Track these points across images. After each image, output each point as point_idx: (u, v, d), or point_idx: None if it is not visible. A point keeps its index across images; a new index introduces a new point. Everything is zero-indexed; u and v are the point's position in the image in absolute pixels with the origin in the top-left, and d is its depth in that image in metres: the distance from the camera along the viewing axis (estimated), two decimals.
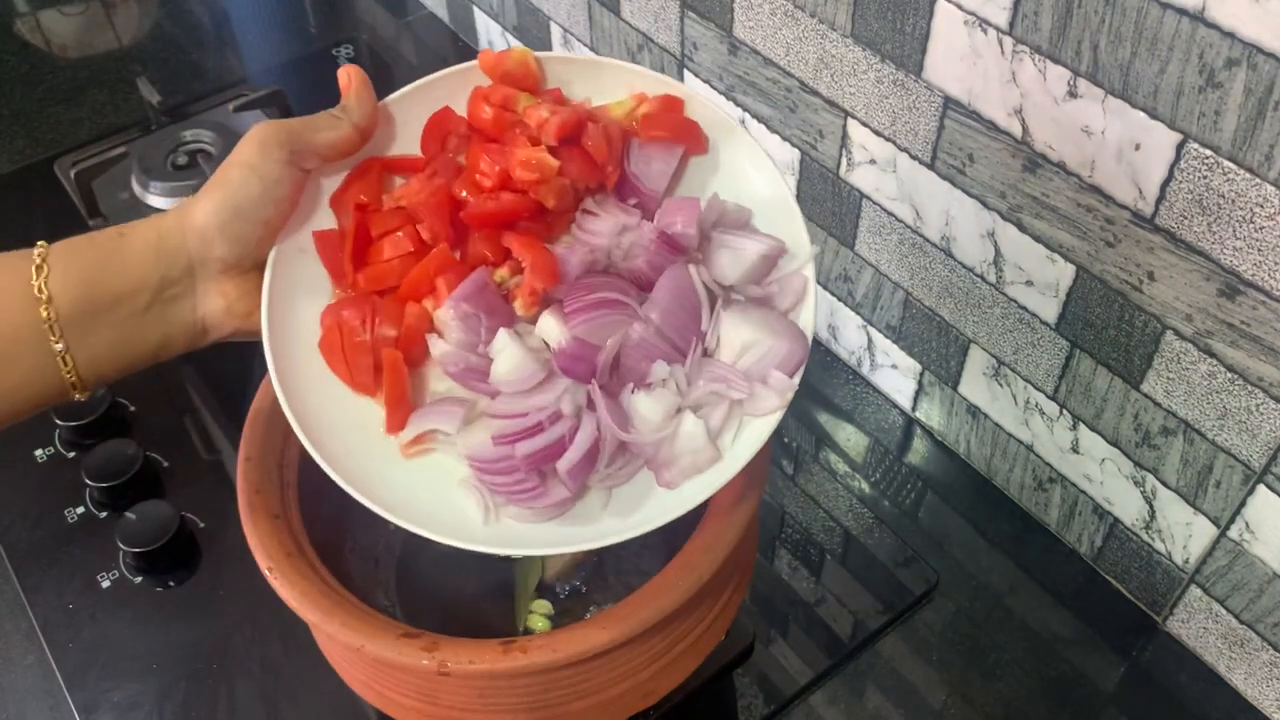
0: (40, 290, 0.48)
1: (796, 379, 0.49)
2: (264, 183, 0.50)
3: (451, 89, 0.55)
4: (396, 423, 0.51)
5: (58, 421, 0.81)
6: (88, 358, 0.49)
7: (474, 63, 0.55)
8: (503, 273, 0.52)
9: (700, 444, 0.48)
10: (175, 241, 0.50)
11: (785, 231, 0.52)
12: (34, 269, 0.48)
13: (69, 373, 0.49)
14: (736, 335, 0.49)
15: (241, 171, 0.50)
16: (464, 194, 0.52)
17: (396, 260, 0.52)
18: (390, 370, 0.50)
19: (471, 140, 0.54)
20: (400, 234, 0.52)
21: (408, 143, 0.55)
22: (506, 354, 0.49)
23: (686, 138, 0.54)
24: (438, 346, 0.51)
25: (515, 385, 0.49)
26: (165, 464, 0.80)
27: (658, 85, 0.55)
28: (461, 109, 0.55)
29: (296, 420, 0.49)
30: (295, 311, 0.52)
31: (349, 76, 0.52)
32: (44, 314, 0.48)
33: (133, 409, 0.84)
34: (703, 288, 0.50)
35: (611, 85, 0.55)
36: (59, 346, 0.48)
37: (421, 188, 0.52)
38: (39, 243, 0.49)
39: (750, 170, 0.54)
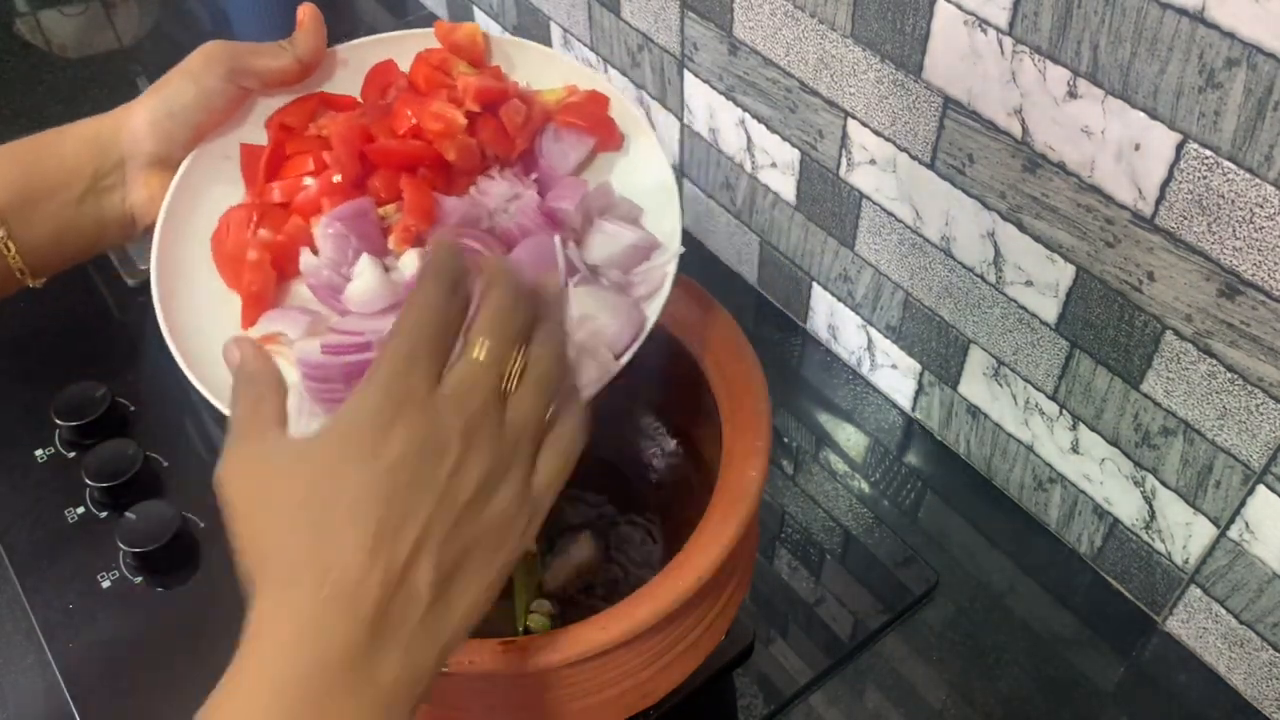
0: None
1: (623, 359, 0.50)
2: (200, 92, 0.55)
3: (404, 48, 0.60)
4: (249, 318, 0.54)
5: (58, 421, 0.81)
6: (29, 243, 0.54)
7: (430, 29, 0.60)
8: (389, 209, 0.55)
9: None
10: (110, 137, 0.55)
11: (665, 230, 0.54)
12: None
13: (13, 258, 0.54)
14: (577, 307, 0.50)
15: (182, 78, 0.55)
16: (377, 135, 0.56)
17: (299, 178, 0.56)
18: (253, 267, 0.53)
19: (404, 93, 0.58)
20: (310, 157, 0.56)
21: (353, 88, 0.60)
22: (364, 277, 0.51)
23: (601, 131, 0.57)
24: (306, 258, 0.53)
25: (363, 307, 0.51)
26: (165, 464, 0.80)
27: (589, 81, 0.58)
28: (408, 67, 0.59)
29: (160, 295, 0.53)
30: (202, 204, 0.56)
31: (304, 14, 0.57)
32: None
33: (133, 409, 0.84)
34: (563, 259, 0.52)
35: (551, 75, 0.59)
36: (0, 233, 0.53)
37: (342, 121, 0.56)
38: None
39: (651, 169, 0.57)
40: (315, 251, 0.54)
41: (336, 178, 0.55)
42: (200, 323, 0.53)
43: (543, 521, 0.44)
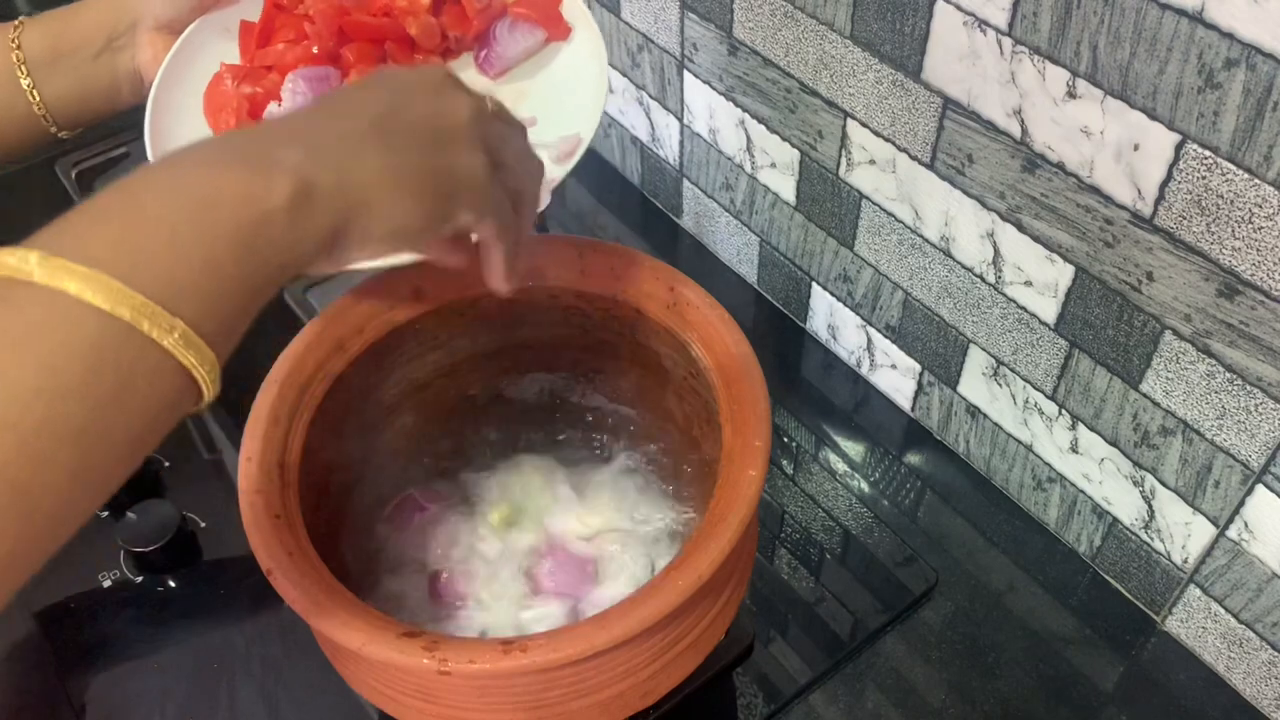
0: (14, 41, 0.63)
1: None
2: None
3: None
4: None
5: None
6: (52, 93, 0.64)
7: None
8: (354, 77, 0.64)
9: None
10: (125, 4, 0.65)
11: (590, 110, 0.62)
12: (12, 28, 0.64)
13: (38, 105, 0.64)
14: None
15: None
16: (352, 12, 0.65)
17: (283, 46, 0.65)
18: (232, 107, 0.63)
19: None
20: (294, 30, 0.65)
21: None
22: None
23: (550, 24, 0.67)
24: (272, 108, 0.63)
25: None
26: (166, 464, 0.80)
27: None
28: None
29: (151, 132, 0.62)
30: (199, 63, 0.65)
31: None
32: (15, 57, 0.63)
33: None
34: None
35: None
36: (26, 82, 0.63)
37: (326, 4, 0.65)
38: (21, 17, 0.64)
39: (590, 59, 0.65)
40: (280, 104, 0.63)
41: (315, 49, 0.64)
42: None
43: (485, 201, 0.48)
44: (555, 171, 0.61)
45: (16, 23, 0.64)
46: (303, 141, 0.42)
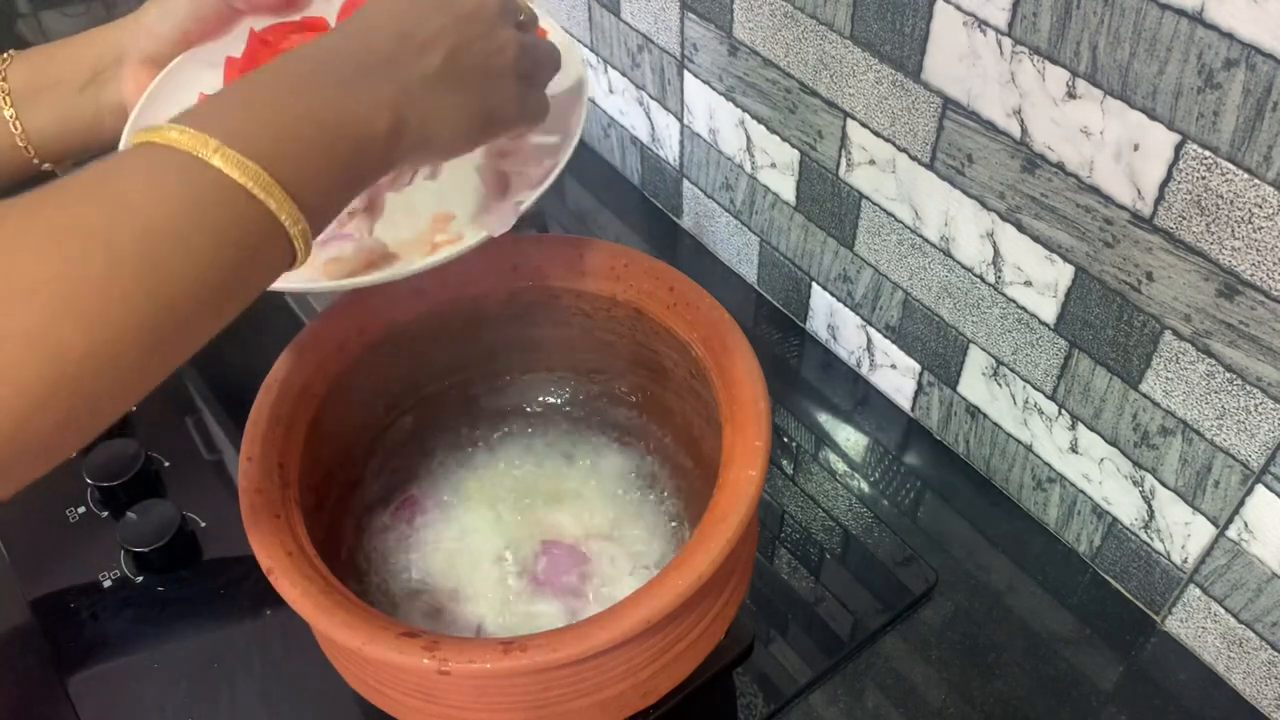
0: (0, 74, 0.64)
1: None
2: (194, 4, 0.65)
3: None
4: None
5: None
6: (35, 125, 0.65)
7: None
8: None
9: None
10: (112, 39, 0.65)
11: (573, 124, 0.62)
12: (1, 60, 0.64)
13: (20, 135, 0.64)
14: None
15: None
16: None
17: None
18: None
19: None
20: None
21: (332, 16, 0.66)
22: None
23: None
24: None
25: None
26: (166, 464, 0.80)
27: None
28: None
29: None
30: (180, 95, 0.63)
31: None
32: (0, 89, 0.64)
33: (134, 409, 0.84)
34: None
35: None
36: (9, 113, 0.64)
37: (310, 35, 0.64)
38: (10, 50, 0.66)
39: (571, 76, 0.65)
40: None
41: None
42: None
43: (517, 128, 0.57)
44: (530, 197, 0.60)
45: (4, 56, 0.65)
46: (398, 78, 0.50)
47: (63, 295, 0.40)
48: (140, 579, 0.74)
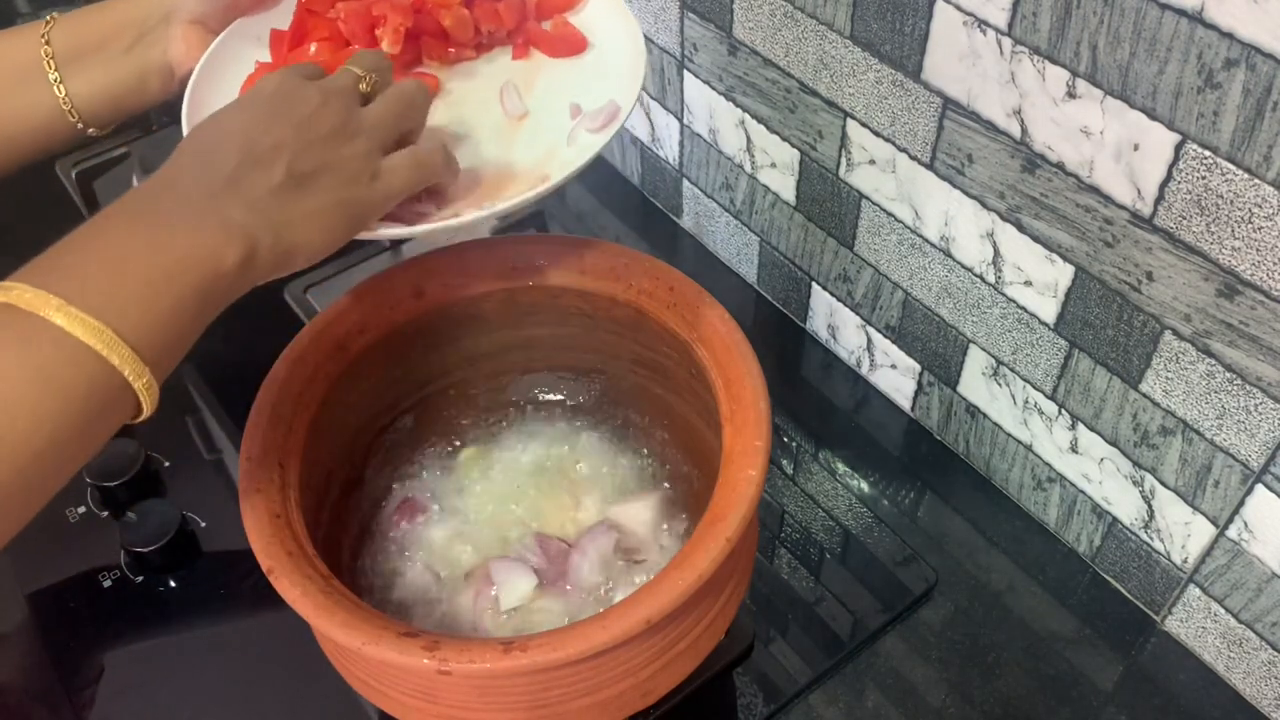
0: (44, 37, 0.64)
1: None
2: None
3: None
4: None
5: None
6: (79, 88, 0.64)
7: None
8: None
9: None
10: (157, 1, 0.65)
11: (628, 83, 0.64)
12: (43, 24, 0.65)
13: (65, 101, 0.64)
14: None
15: None
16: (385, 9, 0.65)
17: (315, 47, 0.66)
18: None
19: None
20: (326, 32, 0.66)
21: None
22: None
23: (579, 46, 0.68)
24: None
25: None
26: (166, 464, 0.80)
27: None
28: None
29: (188, 126, 0.61)
30: (230, 68, 0.65)
31: None
32: (44, 52, 0.64)
33: None
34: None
35: None
36: (54, 76, 0.64)
37: (357, 4, 0.65)
38: (53, 13, 0.66)
39: (625, 35, 0.67)
40: None
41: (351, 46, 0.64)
42: None
43: (385, 205, 0.55)
44: (594, 141, 0.61)
45: (48, 19, 0.65)
46: (243, 198, 0.50)
47: None
48: (140, 579, 0.74)
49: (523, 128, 0.64)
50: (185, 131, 0.61)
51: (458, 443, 0.73)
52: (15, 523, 0.45)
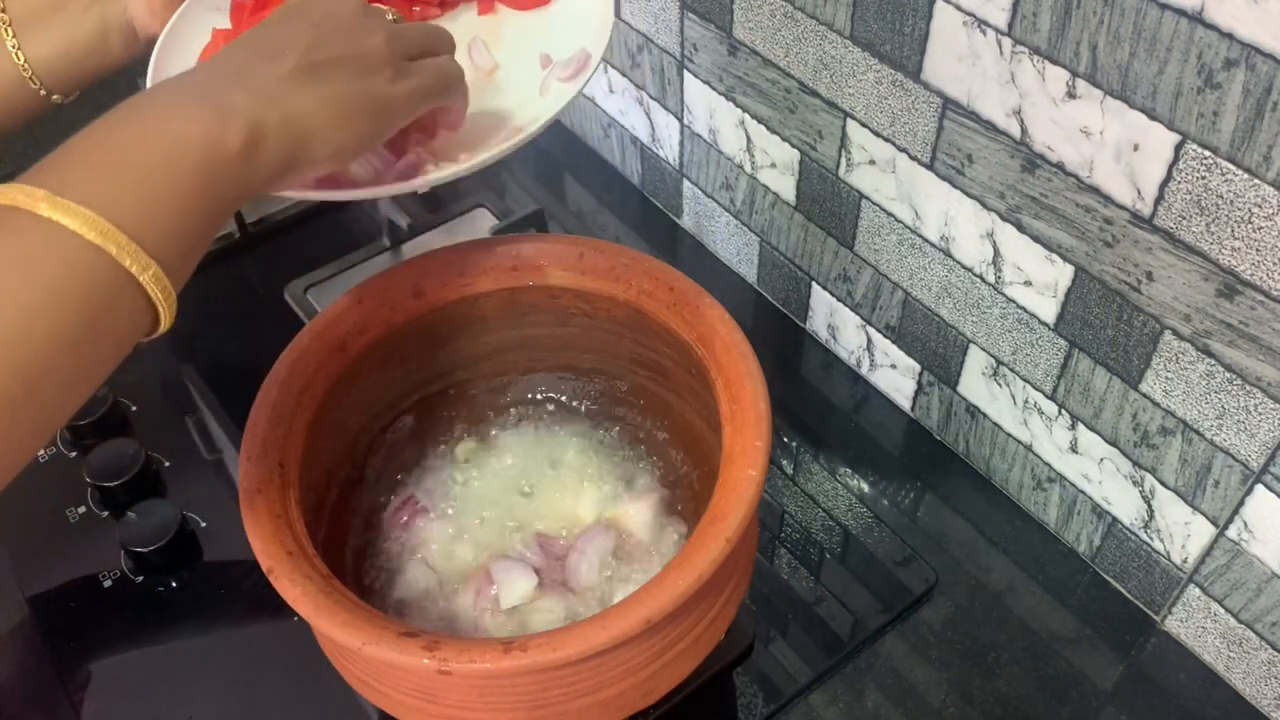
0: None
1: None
2: None
3: None
4: None
5: None
6: (38, 52, 0.62)
7: None
8: None
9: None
10: None
11: (597, 32, 0.63)
12: None
13: (24, 67, 0.62)
14: None
15: None
16: None
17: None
18: None
19: None
20: None
21: None
22: None
23: None
24: None
25: None
26: (166, 463, 0.80)
27: None
28: None
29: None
30: (195, 29, 0.64)
31: None
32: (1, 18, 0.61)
33: (134, 408, 0.84)
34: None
35: None
36: (11, 43, 0.62)
37: None
38: None
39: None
40: None
41: None
42: None
43: (410, 103, 0.53)
44: (566, 91, 0.61)
45: None
46: (247, 85, 0.47)
47: None
48: (140, 579, 0.74)
49: (493, 81, 0.64)
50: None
51: (458, 442, 0.73)
52: (28, 437, 0.42)
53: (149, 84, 0.62)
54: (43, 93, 0.64)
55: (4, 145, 0.66)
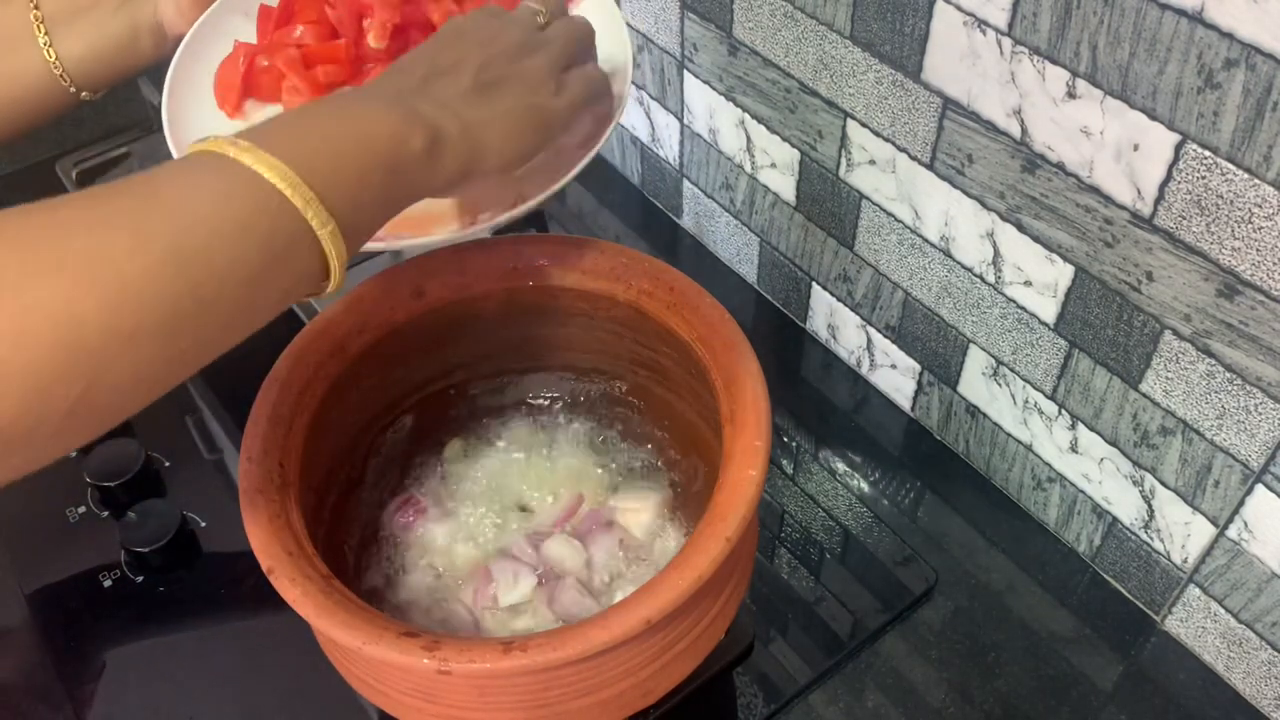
0: (33, 1, 0.64)
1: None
2: None
3: None
4: (232, 106, 0.66)
5: None
6: (70, 51, 0.65)
7: None
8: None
9: None
10: None
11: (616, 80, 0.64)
12: None
13: (55, 65, 0.64)
14: None
15: None
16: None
17: (302, 29, 0.67)
18: (237, 86, 0.66)
19: None
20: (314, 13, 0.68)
21: None
22: None
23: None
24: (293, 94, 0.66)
25: None
26: (166, 463, 0.80)
27: None
28: None
29: (169, 95, 0.64)
30: (218, 39, 0.66)
31: None
32: (33, 16, 0.64)
33: None
34: None
35: None
36: (43, 40, 0.64)
37: None
38: None
39: (611, 29, 0.66)
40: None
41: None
42: (194, 123, 0.64)
43: (569, 114, 0.57)
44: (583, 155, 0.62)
45: None
46: (431, 97, 0.52)
47: (86, 271, 0.40)
48: (140, 579, 0.74)
49: None
50: (166, 103, 0.63)
51: (458, 442, 0.73)
52: (181, 356, 0.45)
53: (168, 84, 0.63)
54: (72, 90, 0.66)
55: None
